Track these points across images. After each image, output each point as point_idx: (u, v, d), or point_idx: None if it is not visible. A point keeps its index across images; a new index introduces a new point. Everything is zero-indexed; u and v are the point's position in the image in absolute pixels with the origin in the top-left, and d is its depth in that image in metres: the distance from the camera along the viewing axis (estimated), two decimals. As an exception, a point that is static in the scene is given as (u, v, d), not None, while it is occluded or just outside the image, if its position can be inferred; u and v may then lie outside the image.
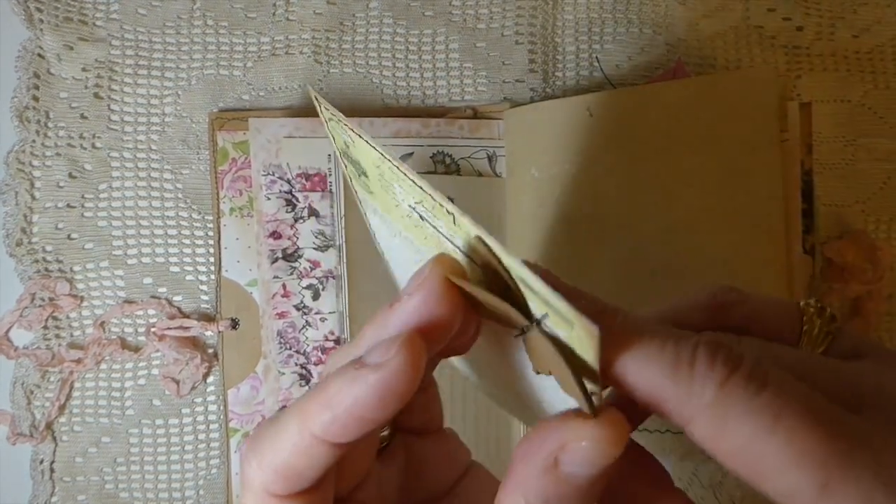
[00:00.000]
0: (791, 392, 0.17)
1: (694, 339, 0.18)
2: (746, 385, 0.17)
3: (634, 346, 0.18)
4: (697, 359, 0.17)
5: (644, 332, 0.18)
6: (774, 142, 0.34)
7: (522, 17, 0.43)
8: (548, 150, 0.38)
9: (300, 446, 0.18)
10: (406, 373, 0.17)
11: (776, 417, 0.16)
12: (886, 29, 0.42)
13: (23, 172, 0.41)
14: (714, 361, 0.17)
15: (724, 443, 0.17)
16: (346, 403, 0.17)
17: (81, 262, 0.41)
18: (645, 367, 0.18)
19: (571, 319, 0.16)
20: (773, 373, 0.17)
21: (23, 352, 0.40)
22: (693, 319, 0.22)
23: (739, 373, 0.17)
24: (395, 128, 0.40)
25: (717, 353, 0.17)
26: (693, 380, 0.17)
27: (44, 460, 0.40)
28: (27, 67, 0.41)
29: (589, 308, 0.19)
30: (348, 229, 0.40)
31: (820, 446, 0.16)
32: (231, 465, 0.40)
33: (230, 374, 0.40)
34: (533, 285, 0.17)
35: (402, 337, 0.18)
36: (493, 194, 0.41)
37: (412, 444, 0.23)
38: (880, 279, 0.40)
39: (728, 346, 0.18)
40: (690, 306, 0.23)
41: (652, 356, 0.18)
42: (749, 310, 0.22)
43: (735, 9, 0.42)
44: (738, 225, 0.35)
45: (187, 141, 0.42)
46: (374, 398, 0.17)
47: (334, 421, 0.17)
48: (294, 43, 0.42)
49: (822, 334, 0.22)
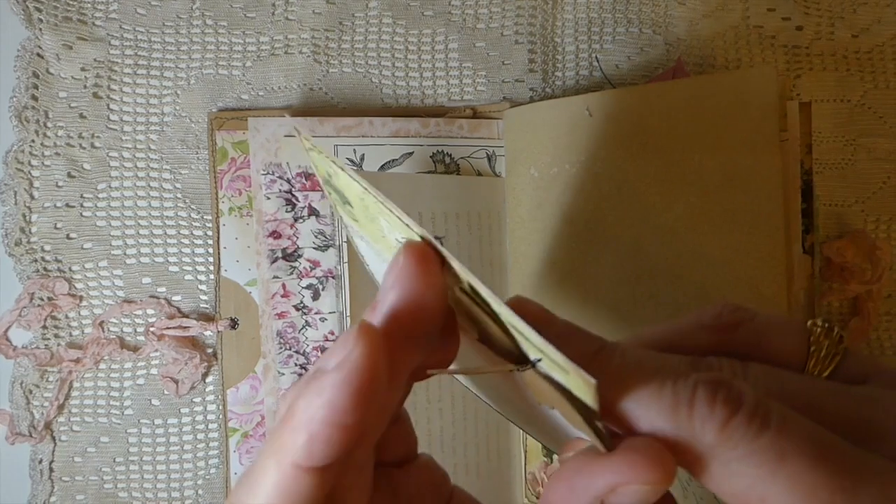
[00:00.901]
0: (795, 429, 0.17)
1: (693, 379, 0.17)
2: (748, 426, 0.16)
3: (633, 389, 0.17)
4: (697, 400, 0.17)
5: (642, 370, 0.18)
6: (774, 142, 0.34)
7: (522, 16, 0.43)
8: (547, 150, 0.38)
9: (283, 484, 0.16)
10: (369, 361, 0.16)
11: (779, 458, 0.16)
12: (886, 28, 0.42)
13: (22, 172, 0.41)
14: (714, 403, 0.17)
15: (727, 485, 0.17)
16: (319, 415, 0.16)
17: (80, 262, 0.41)
18: (645, 410, 0.17)
19: (567, 369, 0.16)
20: (776, 410, 0.17)
21: (22, 351, 0.40)
22: (698, 340, 0.22)
23: (740, 414, 0.17)
24: (395, 127, 0.40)
25: (717, 393, 0.17)
26: (693, 422, 0.17)
27: (43, 460, 0.40)
28: (26, 67, 0.41)
29: (584, 347, 0.19)
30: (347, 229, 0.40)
31: (825, 486, 0.16)
32: (230, 465, 0.40)
33: (229, 374, 0.40)
34: (525, 333, 0.17)
35: (355, 328, 0.17)
36: (493, 194, 0.41)
37: (393, 476, 0.22)
38: (880, 279, 0.40)
39: (728, 385, 0.17)
40: (695, 326, 0.22)
41: (651, 399, 0.17)
42: (755, 330, 0.22)
43: (735, 9, 0.42)
44: (738, 225, 0.35)
45: (186, 140, 0.42)
46: (346, 399, 0.16)
47: (312, 440, 0.16)
48: (293, 43, 0.42)
49: (829, 355, 0.21)
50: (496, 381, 0.23)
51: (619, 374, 0.18)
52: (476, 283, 0.17)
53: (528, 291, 0.39)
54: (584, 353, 0.17)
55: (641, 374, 0.18)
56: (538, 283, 0.38)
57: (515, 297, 0.20)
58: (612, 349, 0.19)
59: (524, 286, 0.39)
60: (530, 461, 0.39)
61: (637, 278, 0.36)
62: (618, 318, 0.36)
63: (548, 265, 0.38)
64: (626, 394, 0.17)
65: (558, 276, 0.38)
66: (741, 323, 0.22)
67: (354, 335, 0.16)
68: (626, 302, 0.36)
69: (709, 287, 0.35)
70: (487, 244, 0.40)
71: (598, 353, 0.19)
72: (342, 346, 0.17)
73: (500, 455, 0.40)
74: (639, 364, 0.18)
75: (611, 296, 0.37)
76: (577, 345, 0.18)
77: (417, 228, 0.18)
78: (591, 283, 0.37)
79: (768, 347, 0.21)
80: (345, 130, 0.40)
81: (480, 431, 0.39)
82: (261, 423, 0.40)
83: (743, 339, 0.21)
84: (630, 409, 0.17)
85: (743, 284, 0.34)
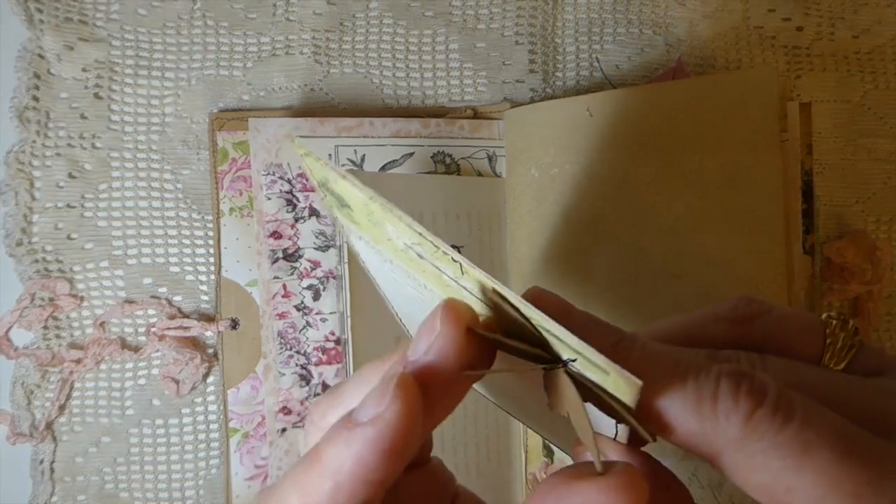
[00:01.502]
0: (818, 421, 0.17)
1: (715, 371, 0.17)
2: (773, 418, 0.16)
3: (655, 383, 0.17)
4: (720, 393, 0.17)
5: (662, 364, 0.18)
6: (774, 142, 0.34)
7: (522, 17, 0.43)
8: (548, 150, 0.38)
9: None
10: (404, 423, 0.16)
11: (804, 450, 0.16)
12: (886, 29, 0.42)
13: (23, 172, 0.41)
14: (738, 395, 0.17)
15: (752, 477, 0.17)
16: (347, 468, 0.16)
17: (81, 262, 0.41)
18: (669, 403, 0.17)
19: (607, 370, 0.16)
20: (799, 401, 0.17)
21: (23, 352, 0.40)
22: (714, 332, 0.22)
23: (765, 406, 0.17)
24: (395, 128, 0.40)
25: (741, 385, 0.17)
26: (717, 416, 0.17)
27: (44, 460, 0.40)
28: (27, 68, 0.41)
29: (603, 339, 0.18)
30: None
31: (850, 478, 0.16)
32: (231, 465, 0.40)
33: (230, 374, 0.40)
34: (560, 335, 0.16)
35: (394, 381, 0.16)
36: (493, 194, 0.41)
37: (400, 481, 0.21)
38: (880, 279, 0.40)
39: (751, 376, 0.17)
40: (712, 318, 0.22)
41: (675, 392, 0.17)
42: (771, 323, 0.22)
43: (735, 9, 0.42)
44: (738, 225, 0.35)
45: (187, 141, 0.42)
46: (375, 457, 0.16)
47: (338, 489, 0.16)
48: (294, 43, 0.42)
49: (845, 348, 0.21)
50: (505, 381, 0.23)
51: (639, 368, 0.17)
52: (504, 289, 0.17)
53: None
54: (602, 344, 0.17)
55: (662, 367, 0.18)
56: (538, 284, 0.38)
57: (534, 289, 0.20)
58: (632, 341, 0.19)
59: (525, 286, 0.39)
60: (531, 461, 0.39)
61: (637, 278, 0.36)
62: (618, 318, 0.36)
63: (548, 265, 0.38)
64: (650, 390, 0.17)
65: (558, 276, 0.38)
66: (758, 316, 0.22)
67: (392, 391, 0.16)
68: (626, 302, 0.36)
69: (709, 287, 0.35)
70: (488, 244, 0.40)
71: (617, 344, 0.18)
72: (380, 396, 0.16)
73: (501, 455, 0.40)
74: (658, 357, 0.18)
75: (611, 295, 0.37)
76: (597, 336, 0.18)
77: (433, 238, 0.18)
78: (591, 282, 0.37)
79: (784, 340, 0.21)
80: (345, 131, 0.40)
81: (481, 432, 0.39)
82: (261, 424, 0.40)
83: (759, 331, 0.21)
84: (654, 403, 0.17)
85: (743, 284, 0.34)
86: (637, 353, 0.18)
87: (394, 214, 0.18)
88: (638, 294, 0.36)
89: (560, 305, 0.20)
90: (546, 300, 0.20)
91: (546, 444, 0.39)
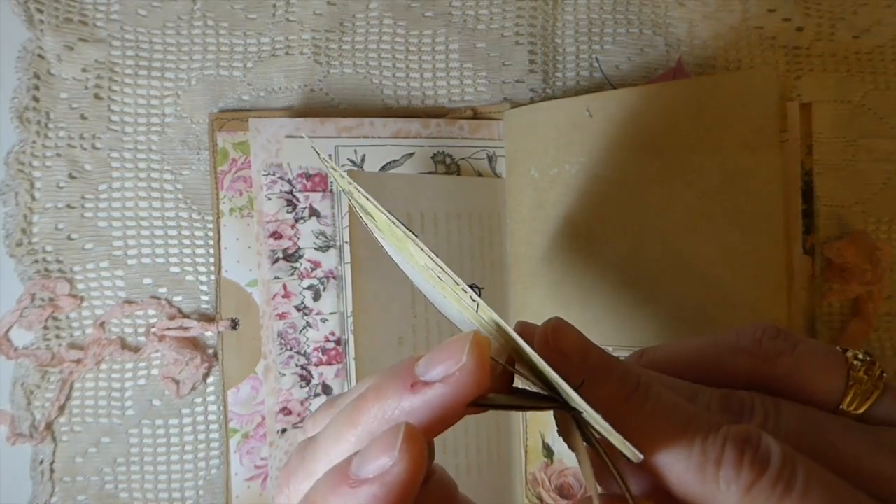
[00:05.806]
0: (819, 491, 0.17)
1: (722, 435, 0.18)
2: (772, 490, 0.17)
3: (663, 441, 0.18)
4: (724, 459, 0.17)
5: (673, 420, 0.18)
6: (774, 142, 0.34)
7: (522, 17, 0.43)
8: (547, 151, 0.38)
9: None
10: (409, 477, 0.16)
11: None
12: (887, 29, 0.42)
13: (23, 173, 0.41)
14: (741, 464, 0.17)
15: None
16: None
17: (81, 263, 0.41)
18: (673, 462, 0.18)
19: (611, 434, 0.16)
20: (802, 470, 0.17)
21: (23, 352, 0.40)
22: (734, 363, 0.22)
23: (766, 477, 0.17)
24: (395, 128, 0.40)
25: (745, 452, 0.17)
26: (719, 482, 0.17)
27: (44, 460, 0.40)
28: (27, 68, 0.41)
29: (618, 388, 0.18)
30: (349, 230, 0.40)
31: None
32: (231, 466, 0.40)
33: (230, 375, 0.40)
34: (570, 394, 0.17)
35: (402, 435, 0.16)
36: (493, 194, 0.41)
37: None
38: (880, 279, 0.40)
39: (756, 445, 0.17)
40: (733, 347, 0.22)
41: (681, 453, 0.18)
42: (794, 363, 0.21)
43: (735, 9, 0.42)
44: (738, 225, 0.35)
45: (187, 141, 0.42)
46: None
47: None
48: (294, 43, 0.42)
49: (868, 391, 0.21)
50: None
51: (650, 423, 0.18)
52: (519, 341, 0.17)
53: (529, 292, 0.39)
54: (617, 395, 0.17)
55: (672, 424, 0.18)
56: (538, 284, 0.38)
57: (555, 320, 0.20)
58: (646, 392, 0.19)
59: (525, 287, 0.39)
60: (531, 462, 0.39)
61: (637, 278, 0.36)
62: (618, 319, 0.36)
63: (548, 265, 0.38)
64: (657, 446, 0.18)
65: (558, 276, 0.38)
66: (781, 354, 0.21)
67: (400, 445, 0.16)
68: (626, 302, 0.36)
69: (709, 287, 0.35)
70: (488, 245, 0.40)
71: (629, 398, 0.19)
72: (385, 446, 0.16)
73: (501, 455, 0.40)
74: (670, 413, 0.18)
75: (611, 296, 0.37)
76: (611, 384, 0.18)
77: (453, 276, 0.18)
78: (591, 283, 0.37)
79: (805, 379, 0.21)
80: (345, 131, 0.40)
81: (481, 432, 0.39)
82: (261, 424, 0.40)
83: (781, 370, 0.21)
84: (658, 460, 0.18)
85: (743, 284, 0.34)
86: (649, 406, 0.18)
87: (417, 245, 0.18)
88: (638, 294, 0.36)
89: (578, 344, 0.20)
90: (565, 337, 0.20)
91: (546, 444, 0.39)
